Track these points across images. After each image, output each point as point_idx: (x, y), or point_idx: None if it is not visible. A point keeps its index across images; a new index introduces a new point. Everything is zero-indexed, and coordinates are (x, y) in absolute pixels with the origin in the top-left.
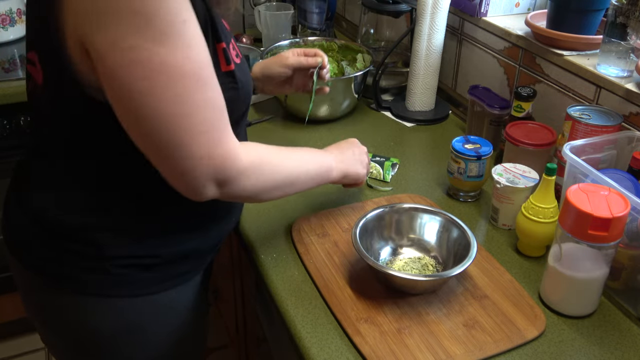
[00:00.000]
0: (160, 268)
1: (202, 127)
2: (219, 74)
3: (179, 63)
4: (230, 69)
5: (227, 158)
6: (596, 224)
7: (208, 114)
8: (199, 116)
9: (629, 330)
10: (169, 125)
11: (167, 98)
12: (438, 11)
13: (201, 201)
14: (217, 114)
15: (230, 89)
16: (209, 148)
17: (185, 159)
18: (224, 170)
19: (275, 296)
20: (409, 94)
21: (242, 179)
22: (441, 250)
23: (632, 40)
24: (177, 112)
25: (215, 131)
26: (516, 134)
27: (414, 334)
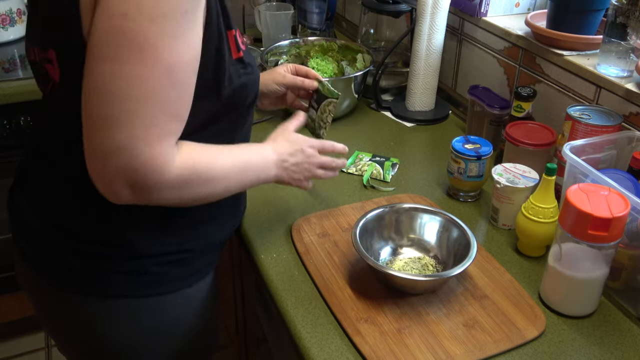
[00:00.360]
0: (193, 261)
1: (143, 119)
2: (231, 62)
3: (160, 49)
4: (240, 55)
5: (150, 164)
6: (596, 224)
7: (156, 111)
8: (147, 107)
9: (629, 330)
10: (114, 100)
11: (125, 72)
12: (438, 11)
13: (114, 202)
14: (165, 117)
15: (243, 74)
16: (136, 142)
17: (108, 140)
18: (142, 175)
19: (275, 296)
20: (409, 94)
21: (164, 191)
22: (441, 250)
23: (632, 40)
24: (126, 91)
25: (154, 130)
26: (516, 134)
27: (414, 334)
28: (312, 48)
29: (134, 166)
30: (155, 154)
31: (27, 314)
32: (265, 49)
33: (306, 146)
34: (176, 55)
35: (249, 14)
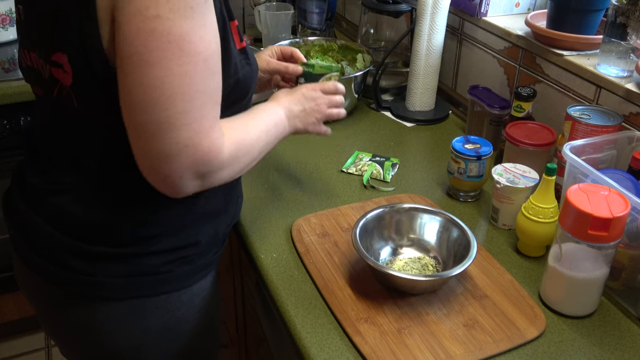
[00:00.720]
0: (198, 258)
1: (197, 113)
2: (236, 52)
3: (195, 41)
4: (243, 45)
5: (211, 151)
6: (596, 224)
7: (205, 102)
8: (197, 101)
9: (629, 330)
10: (167, 101)
11: (174, 72)
12: (438, 11)
13: (176, 197)
14: (211, 105)
15: (245, 65)
16: (197, 137)
17: (171, 143)
18: (206, 163)
19: (275, 296)
20: (409, 94)
21: (222, 172)
22: (441, 250)
23: (632, 40)
24: (179, 91)
25: (207, 120)
26: (516, 134)
27: (414, 334)
28: (312, 48)
29: (199, 159)
30: (212, 142)
31: (27, 314)
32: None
33: (305, 91)
34: (209, 45)
35: (249, 14)
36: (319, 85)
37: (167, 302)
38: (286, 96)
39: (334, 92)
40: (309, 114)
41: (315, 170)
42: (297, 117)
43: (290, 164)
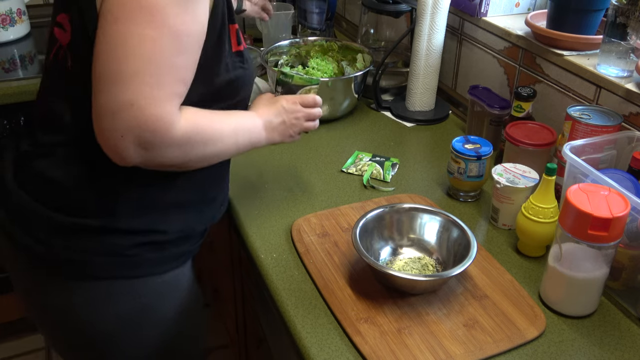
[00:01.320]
0: (168, 246)
1: (151, 78)
2: (230, 54)
3: (169, 13)
4: (241, 49)
5: (158, 120)
6: (596, 224)
7: (164, 72)
8: (155, 68)
9: (629, 330)
10: (122, 57)
11: (137, 33)
12: (438, 11)
13: (121, 163)
14: (172, 79)
15: (239, 67)
16: (144, 100)
17: (117, 97)
18: (151, 132)
19: (275, 296)
20: (409, 94)
21: (169, 149)
22: (441, 250)
23: (632, 40)
24: (137, 52)
25: (160, 90)
26: (516, 134)
27: (414, 334)
28: (312, 48)
29: (142, 123)
30: (161, 113)
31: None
32: (265, 49)
33: (285, 103)
34: (183, 24)
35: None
36: (298, 98)
37: (133, 287)
38: (266, 107)
39: (312, 105)
40: (288, 127)
41: (315, 170)
42: (275, 129)
43: (291, 164)
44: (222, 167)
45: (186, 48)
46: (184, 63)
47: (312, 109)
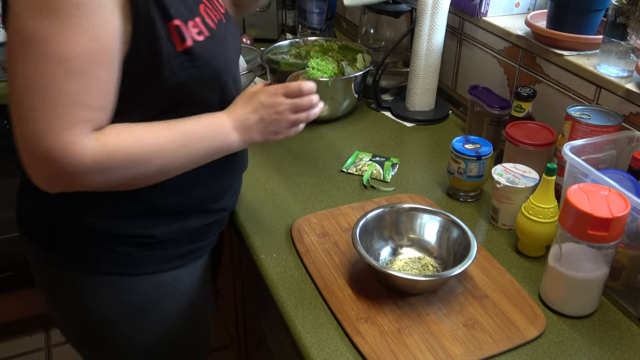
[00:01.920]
0: (160, 246)
1: (46, 110)
2: (175, 54)
3: (53, 40)
4: (187, 46)
5: (59, 150)
6: (596, 224)
7: (58, 103)
8: (48, 101)
9: (629, 330)
10: (20, 97)
11: (28, 70)
12: (438, 11)
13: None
14: (70, 107)
15: (189, 67)
16: (42, 134)
17: (21, 134)
18: (54, 163)
19: (275, 296)
20: (409, 94)
21: (84, 176)
22: (441, 250)
23: (632, 40)
24: (31, 88)
25: (59, 121)
26: (516, 134)
27: (414, 334)
28: (312, 48)
29: (44, 155)
30: (62, 143)
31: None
32: (265, 49)
33: (265, 97)
34: (72, 48)
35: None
36: (281, 88)
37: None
38: (242, 105)
39: (297, 95)
40: (268, 123)
41: (315, 170)
42: (252, 128)
43: (290, 164)
44: (205, 169)
45: (81, 71)
46: (83, 87)
47: (298, 98)
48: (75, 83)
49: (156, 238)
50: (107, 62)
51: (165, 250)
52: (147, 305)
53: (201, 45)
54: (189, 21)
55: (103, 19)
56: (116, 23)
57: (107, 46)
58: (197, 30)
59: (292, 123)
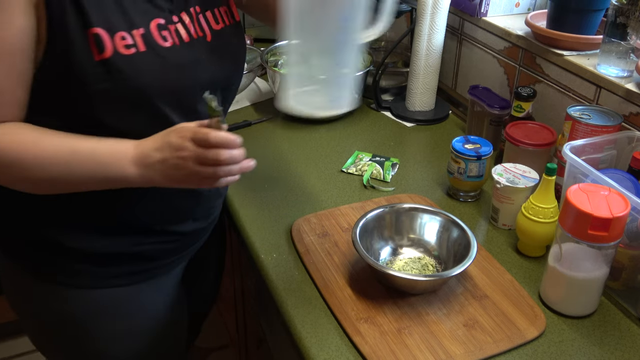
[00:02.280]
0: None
1: None
2: (90, 64)
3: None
4: (104, 57)
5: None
6: (596, 224)
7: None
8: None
9: (629, 330)
10: None
11: None
12: (438, 11)
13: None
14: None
15: (103, 80)
16: None
17: None
18: None
19: (275, 296)
20: (409, 94)
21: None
22: (441, 250)
23: (632, 40)
24: None
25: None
26: (516, 134)
27: (414, 334)
28: None
29: None
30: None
31: None
32: (265, 49)
33: (175, 137)
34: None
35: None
36: (191, 132)
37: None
38: (154, 139)
39: (205, 145)
40: (170, 167)
41: (315, 170)
42: (152, 167)
43: (291, 164)
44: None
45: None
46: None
47: (202, 149)
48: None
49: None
50: (6, 60)
51: (105, 266)
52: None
53: (125, 59)
54: (119, 32)
55: (9, 17)
56: (24, 22)
57: (8, 44)
58: (126, 43)
59: (197, 175)
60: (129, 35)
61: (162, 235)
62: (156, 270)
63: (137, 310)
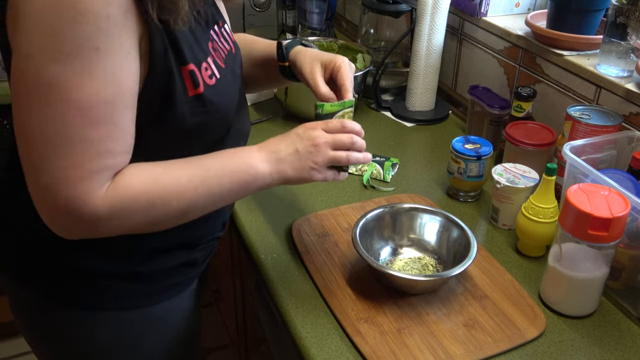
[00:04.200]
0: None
1: (62, 160)
2: (186, 99)
3: (69, 87)
4: (199, 92)
5: (75, 202)
6: (596, 224)
7: (76, 152)
8: (64, 150)
9: (629, 330)
10: (32, 146)
11: (41, 118)
12: (438, 11)
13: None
14: (89, 156)
15: (200, 113)
16: (57, 183)
17: (34, 184)
18: (72, 212)
19: (275, 296)
20: (409, 94)
21: (103, 223)
22: (441, 250)
23: (632, 40)
24: (44, 137)
25: (75, 171)
26: (516, 134)
27: (414, 334)
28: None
29: (60, 206)
30: (78, 194)
31: None
32: None
33: (302, 130)
34: (90, 94)
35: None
36: (321, 123)
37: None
38: (276, 139)
39: (339, 131)
40: (303, 157)
41: None
42: (284, 160)
43: None
44: None
45: (100, 118)
46: (102, 134)
47: (339, 134)
48: (96, 131)
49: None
50: (127, 106)
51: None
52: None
53: (212, 89)
54: (203, 63)
55: (121, 63)
56: (134, 65)
57: (126, 90)
58: (209, 74)
59: (330, 160)
60: (208, 65)
61: (211, 242)
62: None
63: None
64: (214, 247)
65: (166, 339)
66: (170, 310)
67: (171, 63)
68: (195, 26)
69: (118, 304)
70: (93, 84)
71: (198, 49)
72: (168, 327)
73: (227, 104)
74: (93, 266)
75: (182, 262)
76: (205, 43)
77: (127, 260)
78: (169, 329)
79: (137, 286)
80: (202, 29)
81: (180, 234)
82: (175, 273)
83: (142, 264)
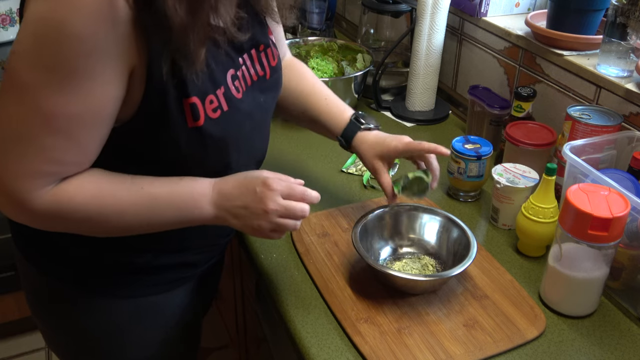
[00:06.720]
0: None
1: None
2: (184, 129)
3: (39, 97)
4: (198, 125)
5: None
6: (596, 224)
7: (28, 151)
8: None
9: (629, 330)
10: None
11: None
12: (438, 11)
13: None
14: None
15: (196, 144)
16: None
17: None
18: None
19: (275, 296)
20: (409, 94)
21: (37, 220)
22: (441, 250)
23: (632, 40)
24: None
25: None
26: (516, 134)
27: (414, 334)
28: (312, 48)
29: (3, 192)
30: (17, 188)
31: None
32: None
33: (262, 187)
34: (56, 105)
35: None
36: (284, 187)
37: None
38: (235, 183)
39: (298, 200)
40: (249, 216)
41: (315, 170)
42: (230, 211)
43: (291, 164)
44: None
45: (63, 130)
46: (58, 144)
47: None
48: (51, 139)
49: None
50: (95, 126)
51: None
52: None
53: (214, 122)
54: (208, 96)
55: (98, 88)
56: (112, 92)
57: (96, 112)
58: (214, 107)
59: (274, 227)
60: (215, 98)
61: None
62: (194, 275)
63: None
64: (218, 252)
65: (158, 331)
66: (164, 303)
67: (169, 95)
68: (217, 54)
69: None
70: (63, 98)
71: (208, 81)
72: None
73: (228, 137)
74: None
75: (182, 262)
76: (222, 72)
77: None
78: (163, 320)
79: (136, 277)
80: (226, 56)
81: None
82: (173, 270)
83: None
